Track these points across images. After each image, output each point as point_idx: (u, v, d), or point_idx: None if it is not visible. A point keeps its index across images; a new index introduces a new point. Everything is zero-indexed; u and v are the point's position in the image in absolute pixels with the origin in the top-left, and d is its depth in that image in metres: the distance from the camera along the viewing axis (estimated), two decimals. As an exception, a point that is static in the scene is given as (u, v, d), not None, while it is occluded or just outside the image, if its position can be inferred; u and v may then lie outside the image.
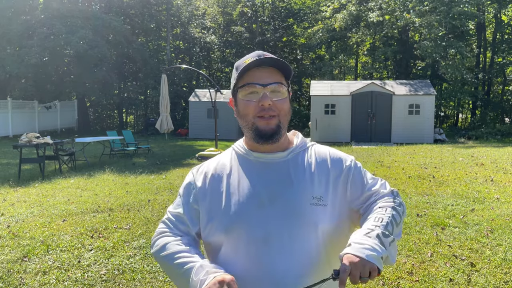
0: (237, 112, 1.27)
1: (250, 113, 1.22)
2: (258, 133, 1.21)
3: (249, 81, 1.21)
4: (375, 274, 1.07)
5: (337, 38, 24.36)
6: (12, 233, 5.11)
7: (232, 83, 1.28)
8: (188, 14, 28.28)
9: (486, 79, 23.43)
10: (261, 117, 1.20)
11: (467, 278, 3.72)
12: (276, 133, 1.21)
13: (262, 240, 1.16)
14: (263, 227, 1.17)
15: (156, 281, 3.79)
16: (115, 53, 25.71)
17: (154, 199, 6.93)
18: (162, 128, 12.90)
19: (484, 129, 19.90)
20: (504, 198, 6.43)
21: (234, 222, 1.18)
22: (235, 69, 1.26)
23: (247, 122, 1.23)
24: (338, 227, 1.22)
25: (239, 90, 1.24)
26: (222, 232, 1.20)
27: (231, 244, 1.19)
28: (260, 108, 1.20)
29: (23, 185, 8.37)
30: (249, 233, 1.17)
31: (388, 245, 1.11)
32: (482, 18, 20.49)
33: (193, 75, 27.12)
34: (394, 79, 23.40)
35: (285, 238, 1.16)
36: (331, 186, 1.23)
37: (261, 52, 1.24)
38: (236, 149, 1.32)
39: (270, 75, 1.21)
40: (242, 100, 1.24)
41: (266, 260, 1.16)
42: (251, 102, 1.21)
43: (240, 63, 1.24)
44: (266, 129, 1.20)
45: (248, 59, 1.22)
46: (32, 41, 20.79)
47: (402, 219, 1.22)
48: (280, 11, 27.92)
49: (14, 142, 14.38)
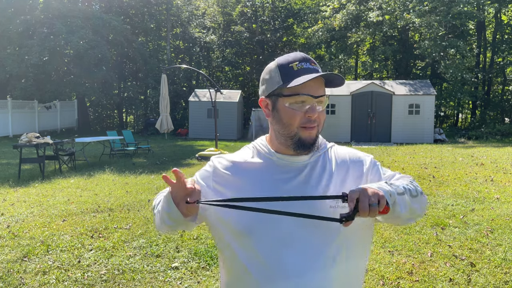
0: (277, 119, 1.22)
1: (295, 123, 1.19)
2: (300, 143, 1.20)
3: (301, 91, 1.17)
4: (383, 203, 1.02)
5: (337, 38, 24.36)
6: (12, 233, 5.11)
7: (274, 86, 1.21)
8: (188, 14, 28.28)
9: (486, 79, 23.43)
10: (304, 128, 1.19)
11: (467, 278, 3.72)
12: (315, 143, 1.22)
13: (280, 240, 1.16)
14: (282, 228, 1.16)
15: (156, 281, 3.79)
16: (115, 53, 25.71)
17: (154, 199, 6.93)
18: (162, 128, 12.90)
19: (484, 129, 19.90)
20: (504, 198, 6.43)
21: (253, 221, 1.18)
22: (278, 70, 1.20)
23: (290, 131, 1.20)
24: (358, 228, 1.20)
25: (285, 97, 1.19)
26: (240, 230, 1.19)
27: (249, 243, 1.18)
28: (307, 119, 1.18)
29: (23, 185, 8.36)
30: (267, 233, 1.17)
31: (396, 193, 1.08)
32: (482, 18, 20.49)
33: (193, 75, 27.12)
34: (394, 79, 23.40)
35: (303, 240, 1.16)
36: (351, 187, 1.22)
37: (304, 55, 1.21)
38: (258, 148, 1.30)
39: (319, 85, 1.19)
40: (288, 108, 1.19)
41: (284, 261, 1.15)
42: (298, 112, 1.18)
43: (285, 65, 1.20)
44: (308, 139, 1.20)
45: (295, 63, 1.18)
46: (32, 41, 20.79)
47: (418, 196, 1.19)
48: (280, 11, 27.92)
49: (14, 142, 14.39)
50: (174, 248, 4.58)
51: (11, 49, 21.69)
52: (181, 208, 1.11)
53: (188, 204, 1.10)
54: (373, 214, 1.02)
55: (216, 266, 4.09)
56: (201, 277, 3.87)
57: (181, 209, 1.12)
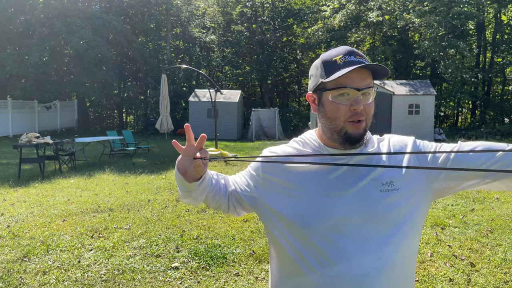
0: (323, 113, 1.22)
1: (341, 117, 1.18)
2: (348, 138, 1.19)
3: (343, 84, 1.16)
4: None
5: (337, 38, 24.35)
6: (12, 233, 5.11)
7: (317, 80, 1.21)
8: (188, 14, 28.28)
9: (486, 79, 23.43)
10: (351, 122, 1.17)
11: (467, 278, 3.72)
12: (363, 137, 1.20)
13: (333, 227, 1.17)
14: (334, 214, 1.17)
15: (156, 281, 3.79)
16: (115, 53, 25.71)
17: (154, 199, 6.93)
18: (162, 128, 12.90)
19: (483, 129, 19.92)
20: (504, 198, 6.44)
21: (304, 210, 1.19)
22: (322, 64, 1.21)
23: (336, 125, 1.19)
24: (414, 209, 1.20)
25: (329, 91, 1.18)
26: (291, 218, 1.20)
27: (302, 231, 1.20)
28: (352, 112, 1.16)
29: (23, 185, 8.36)
30: (319, 221, 1.18)
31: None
32: (482, 18, 20.48)
33: (193, 75, 27.11)
34: (394, 79, 23.39)
35: (356, 226, 1.16)
36: (401, 170, 1.21)
37: (350, 48, 1.19)
38: (307, 141, 1.30)
39: (364, 77, 1.17)
40: (332, 102, 1.18)
41: (338, 245, 1.16)
42: (343, 106, 1.17)
43: (329, 60, 1.19)
44: (355, 133, 1.18)
45: (338, 57, 1.18)
46: (32, 40, 20.79)
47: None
48: (280, 11, 27.91)
49: (14, 142, 14.39)
50: (174, 248, 4.58)
51: (11, 49, 21.68)
52: (190, 169, 1.14)
53: (195, 160, 1.12)
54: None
55: (216, 266, 4.09)
56: (201, 277, 3.87)
57: (190, 170, 1.14)
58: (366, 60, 1.18)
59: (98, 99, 24.83)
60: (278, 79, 27.71)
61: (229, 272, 3.97)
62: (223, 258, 4.27)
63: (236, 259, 4.25)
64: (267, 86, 27.85)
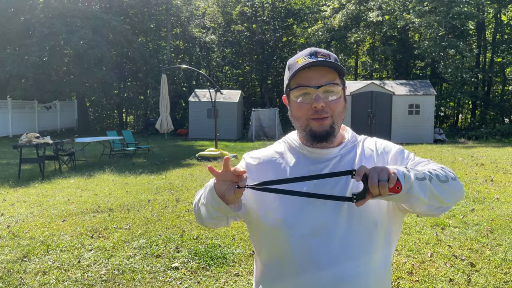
0: (291, 112, 1.25)
1: (303, 115, 1.20)
2: (312, 135, 1.20)
3: (301, 83, 1.18)
4: (394, 178, 1.00)
5: (336, 38, 24.35)
6: (12, 233, 5.11)
7: (285, 83, 1.26)
8: (188, 14, 28.28)
9: (486, 79, 23.43)
10: (314, 119, 1.19)
11: (467, 278, 3.72)
12: (330, 134, 1.20)
13: (312, 230, 1.18)
14: (313, 219, 1.18)
15: (156, 281, 3.79)
16: (115, 53, 25.70)
17: (154, 199, 6.93)
18: (162, 128, 12.89)
19: (484, 129, 19.92)
20: (504, 198, 6.44)
21: (287, 215, 1.20)
22: (287, 68, 1.24)
23: (301, 123, 1.22)
24: (388, 215, 1.22)
25: (291, 91, 1.22)
26: (273, 224, 1.21)
27: (283, 236, 1.20)
28: (313, 110, 1.18)
29: (23, 185, 8.36)
30: (300, 225, 1.18)
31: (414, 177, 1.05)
32: (482, 18, 20.49)
33: (193, 75, 27.12)
34: (394, 79, 23.40)
35: (334, 229, 1.17)
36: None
37: (313, 49, 1.21)
38: (289, 142, 1.32)
39: (323, 74, 1.18)
40: (295, 101, 1.22)
41: (315, 250, 1.17)
42: (304, 104, 1.20)
43: (292, 63, 1.22)
44: (319, 130, 1.19)
45: (300, 58, 1.20)
46: (32, 40, 20.79)
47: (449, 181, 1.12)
48: (280, 11, 27.91)
49: (14, 142, 14.39)
50: (174, 248, 4.58)
51: (11, 49, 21.68)
52: (229, 195, 1.11)
53: (238, 189, 1.10)
54: (384, 191, 1.00)
55: (216, 266, 4.09)
56: (201, 277, 3.87)
57: (229, 196, 1.11)
58: (332, 59, 1.20)
59: (98, 99, 24.83)
60: (278, 79, 27.72)
61: (229, 272, 3.97)
62: (223, 258, 4.27)
63: (236, 259, 4.25)
64: (267, 86, 27.85)
